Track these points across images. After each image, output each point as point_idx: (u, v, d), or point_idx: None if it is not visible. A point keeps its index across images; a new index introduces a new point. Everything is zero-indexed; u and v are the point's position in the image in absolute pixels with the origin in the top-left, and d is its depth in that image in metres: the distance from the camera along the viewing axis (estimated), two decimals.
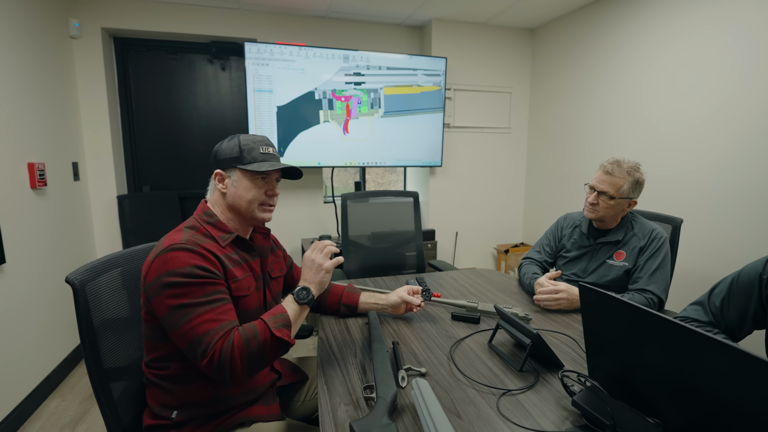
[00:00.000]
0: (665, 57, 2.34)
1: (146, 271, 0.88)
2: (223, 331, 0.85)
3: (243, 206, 0.99)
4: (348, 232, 2.06)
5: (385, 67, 2.90)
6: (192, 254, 0.87)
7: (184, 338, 0.84)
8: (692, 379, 0.70)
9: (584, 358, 1.07)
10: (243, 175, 0.98)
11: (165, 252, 0.86)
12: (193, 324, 0.83)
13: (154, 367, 0.94)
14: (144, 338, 0.95)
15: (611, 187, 1.45)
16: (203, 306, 0.85)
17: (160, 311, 0.85)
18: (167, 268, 0.85)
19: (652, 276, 1.42)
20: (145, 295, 0.88)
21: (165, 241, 0.90)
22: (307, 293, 0.97)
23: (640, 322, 0.78)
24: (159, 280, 0.85)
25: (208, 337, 0.83)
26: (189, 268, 0.85)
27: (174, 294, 0.84)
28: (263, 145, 1.01)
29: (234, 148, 0.99)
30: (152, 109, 3.00)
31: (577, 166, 3.05)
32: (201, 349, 0.83)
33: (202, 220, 0.98)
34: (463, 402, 0.88)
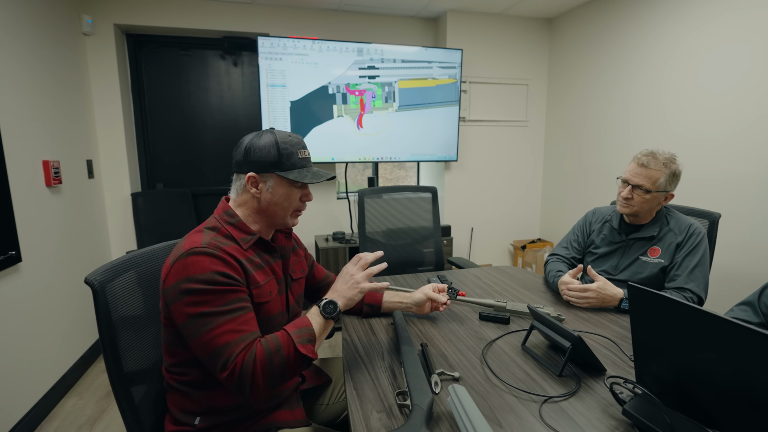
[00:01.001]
0: (692, 45, 2.24)
1: (165, 275, 0.83)
2: (244, 344, 0.80)
3: (278, 213, 0.95)
4: (365, 228, 2.01)
5: (399, 60, 2.83)
6: (213, 259, 0.82)
7: (203, 349, 0.80)
8: (760, 388, 0.64)
9: (625, 361, 1.01)
10: (281, 182, 0.92)
11: (185, 256, 0.81)
12: (213, 334, 0.79)
13: (175, 372, 0.90)
14: (163, 342, 0.91)
15: (647, 180, 1.38)
16: (224, 315, 0.80)
17: (179, 318, 0.81)
18: (187, 273, 0.80)
19: (691, 273, 1.35)
20: (164, 299, 0.84)
21: (185, 243, 0.85)
22: (334, 308, 0.91)
23: (698, 325, 0.71)
24: (178, 285, 0.80)
25: (229, 350, 0.78)
26: (210, 274, 0.80)
27: (193, 301, 0.79)
28: (301, 148, 0.95)
29: (271, 150, 0.90)
30: (165, 106, 2.98)
31: (596, 160, 2.96)
32: (221, 361, 0.78)
33: (223, 221, 0.92)
34: (502, 410, 0.83)
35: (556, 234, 3.43)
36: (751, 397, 0.66)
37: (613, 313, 1.32)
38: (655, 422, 0.73)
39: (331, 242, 2.88)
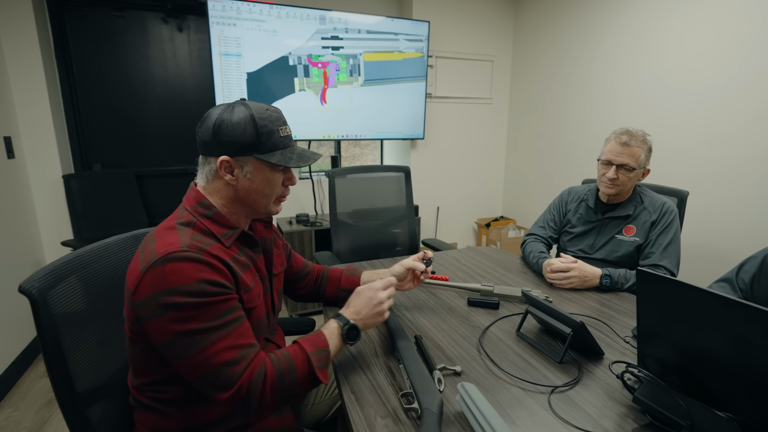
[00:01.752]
0: (657, 23, 2.28)
1: (135, 285, 0.68)
2: (246, 361, 0.70)
3: (259, 202, 0.82)
4: (336, 209, 1.90)
5: (364, 30, 2.67)
6: (198, 265, 0.69)
7: (195, 370, 0.68)
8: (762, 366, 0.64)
9: (618, 342, 1.02)
10: (262, 166, 0.79)
11: (162, 263, 0.67)
12: (208, 354, 0.68)
13: (147, 391, 0.77)
14: (131, 359, 0.77)
15: (630, 158, 1.38)
16: (217, 331, 0.69)
17: (160, 337, 0.68)
18: (167, 284, 0.66)
19: (664, 251, 1.39)
20: (134, 314, 0.70)
21: (157, 244, 0.70)
22: (357, 335, 0.84)
23: (702, 305, 0.71)
24: (157, 300, 0.66)
25: (230, 369, 0.68)
26: (196, 284, 0.67)
27: (179, 317, 0.67)
28: (281, 124, 0.81)
29: (247, 129, 0.76)
30: (98, 76, 2.62)
31: (559, 138, 3.02)
32: (221, 382, 0.68)
33: (198, 213, 0.78)
34: (511, 404, 0.79)
35: (519, 212, 3.50)
36: (754, 376, 0.66)
37: (593, 291, 1.34)
38: (668, 408, 0.72)
39: (294, 225, 2.73)
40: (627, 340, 1.01)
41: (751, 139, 1.91)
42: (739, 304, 0.64)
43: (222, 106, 0.79)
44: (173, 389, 0.76)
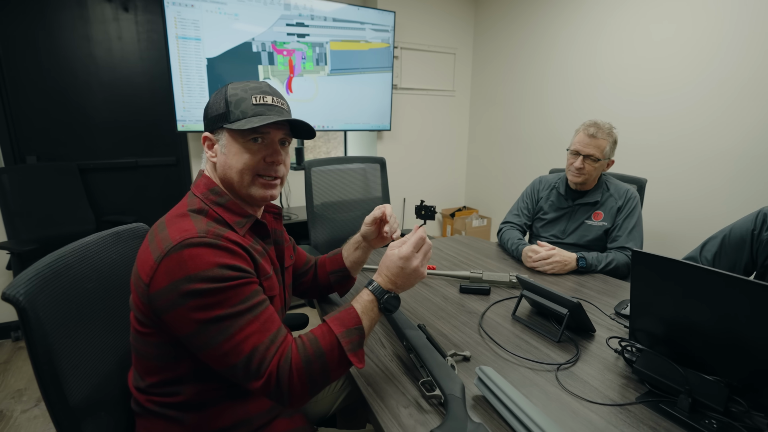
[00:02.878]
0: (614, 16, 2.43)
1: (150, 277, 0.64)
2: (275, 346, 0.67)
3: (234, 179, 0.75)
4: (313, 201, 1.86)
5: (331, 18, 2.60)
6: (216, 251, 0.65)
7: (224, 358, 0.64)
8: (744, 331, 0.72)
9: (605, 319, 1.09)
10: (231, 137, 0.74)
11: (178, 249, 0.63)
12: (237, 340, 0.64)
13: (157, 394, 0.71)
14: (140, 358, 0.71)
15: (596, 149, 1.48)
16: (244, 315, 0.65)
17: (183, 327, 0.64)
18: (187, 271, 0.62)
19: (630, 234, 1.50)
20: (150, 307, 0.65)
21: (172, 231, 0.66)
22: (397, 303, 0.78)
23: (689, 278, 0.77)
24: (177, 288, 0.62)
25: (259, 355, 0.65)
26: (217, 269, 0.64)
27: (203, 305, 0.63)
28: (258, 93, 0.74)
29: (219, 101, 0.75)
30: (31, 58, 2.33)
31: (518, 130, 3.15)
32: (252, 369, 0.65)
33: (209, 201, 0.74)
34: (524, 384, 0.82)
35: (481, 201, 3.62)
36: (736, 340, 0.74)
37: (570, 274, 1.42)
38: (666, 376, 0.78)
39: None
40: (613, 317, 1.09)
41: (706, 136, 2.11)
42: (726, 276, 0.71)
43: None
44: (188, 390, 0.71)
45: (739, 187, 1.96)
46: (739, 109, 1.93)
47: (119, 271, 0.82)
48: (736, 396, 0.73)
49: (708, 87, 2.02)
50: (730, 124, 1.96)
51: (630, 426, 0.71)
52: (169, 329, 0.66)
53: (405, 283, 0.79)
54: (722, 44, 1.95)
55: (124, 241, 0.86)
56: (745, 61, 1.88)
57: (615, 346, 0.94)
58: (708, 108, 2.03)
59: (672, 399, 0.77)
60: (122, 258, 0.84)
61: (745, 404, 0.71)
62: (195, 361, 0.69)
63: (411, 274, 0.78)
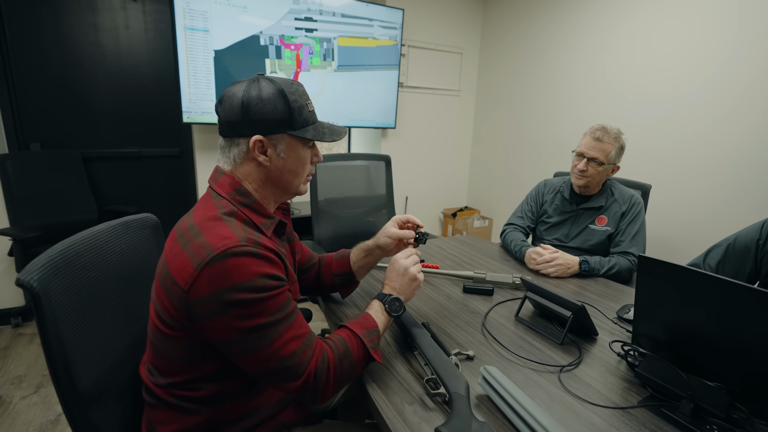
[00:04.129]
0: (625, 18, 2.42)
1: (189, 284, 0.64)
2: (310, 348, 0.71)
3: (291, 181, 0.79)
4: (318, 197, 1.86)
5: (339, 14, 2.60)
6: (258, 260, 0.66)
7: (264, 363, 0.68)
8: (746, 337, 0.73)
9: (607, 323, 1.09)
10: (295, 143, 0.76)
11: (222, 258, 0.63)
12: (276, 346, 0.67)
13: (179, 388, 0.72)
14: (160, 356, 0.72)
15: (601, 153, 1.48)
16: (282, 323, 0.69)
17: (223, 334, 0.66)
18: (231, 281, 0.63)
19: (633, 239, 1.51)
20: (187, 312, 0.65)
21: (209, 237, 0.65)
22: (400, 305, 0.87)
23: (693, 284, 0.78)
24: (221, 297, 0.63)
25: (297, 358, 0.69)
26: (259, 279, 0.65)
27: (246, 314, 0.65)
28: (308, 99, 0.79)
29: (279, 105, 0.72)
30: (38, 45, 2.33)
31: (523, 131, 3.15)
32: (291, 372, 0.68)
33: (237, 202, 0.73)
34: (527, 384, 0.82)
35: (483, 202, 3.63)
36: (739, 348, 0.75)
37: (572, 277, 1.43)
38: (668, 381, 0.79)
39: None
40: (615, 321, 1.10)
41: (709, 139, 2.12)
42: (733, 283, 0.72)
43: (242, 82, 0.74)
44: (210, 387, 0.72)
45: (745, 193, 1.97)
46: (744, 112, 1.93)
47: (128, 261, 0.83)
48: (738, 403, 0.73)
49: (713, 89, 2.03)
50: (738, 127, 1.96)
51: (632, 429, 0.72)
52: (202, 334, 0.67)
53: (400, 280, 0.89)
54: (726, 46, 1.96)
55: (133, 231, 0.86)
56: (749, 63, 1.89)
57: (618, 350, 0.94)
58: (716, 110, 2.04)
59: (674, 404, 0.78)
60: (131, 248, 0.84)
61: (747, 411, 0.72)
62: (221, 362, 0.71)
63: (404, 274, 0.90)
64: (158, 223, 0.95)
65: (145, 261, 0.88)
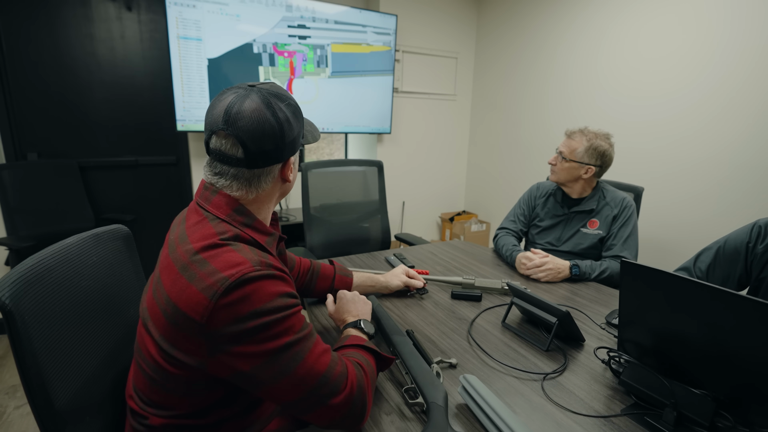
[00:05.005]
0: (617, 21, 2.43)
1: (205, 316, 0.59)
2: (340, 359, 0.70)
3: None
4: (309, 204, 1.86)
5: (332, 20, 2.61)
6: (275, 281, 0.65)
7: (301, 385, 0.64)
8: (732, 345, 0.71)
9: (595, 328, 1.08)
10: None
11: (239, 286, 0.60)
12: (311, 362, 0.65)
13: (178, 418, 0.70)
14: (162, 391, 0.68)
15: (566, 148, 1.51)
16: (310, 338, 0.67)
17: (249, 362, 0.61)
18: (252, 306, 0.60)
19: (625, 243, 1.49)
20: (208, 345, 0.61)
21: (220, 265, 0.61)
22: (371, 326, 0.90)
23: (678, 290, 0.77)
24: (243, 324, 0.60)
25: (335, 370, 0.67)
26: (279, 299, 0.64)
27: (271, 335, 0.62)
28: None
29: (299, 121, 0.74)
30: (34, 56, 2.35)
31: (519, 135, 3.14)
32: (330, 387, 0.65)
33: (238, 222, 0.70)
34: (508, 393, 0.81)
35: (480, 206, 3.62)
36: (723, 355, 0.73)
37: (564, 282, 1.41)
38: (652, 388, 0.78)
39: None
40: (603, 327, 1.08)
41: (702, 140, 2.10)
42: (713, 289, 0.71)
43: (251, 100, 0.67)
44: (211, 414, 0.70)
45: (738, 194, 1.95)
46: (737, 113, 1.92)
47: (100, 273, 0.82)
48: (723, 411, 0.72)
49: (706, 90, 2.02)
50: (731, 128, 1.95)
51: None
52: (221, 369, 0.62)
53: (359, 310, 0.94)
54: (718, 48, 1.95)
55: (104, 243, 0.86)
56: (741, 64, 1.87)
57: (603, 357, 0.93)
58: (709, 111, 2.02)
59: (658, 412, 0.76)
60: (103, 260, 0.84)
61: (732, 419, 0.71)
62: (225, 389, 0.69)
63: (355, 300, 0.96)
64: (130, 234, 0.95)
65: (118, 273, 0.88)
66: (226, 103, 0.67)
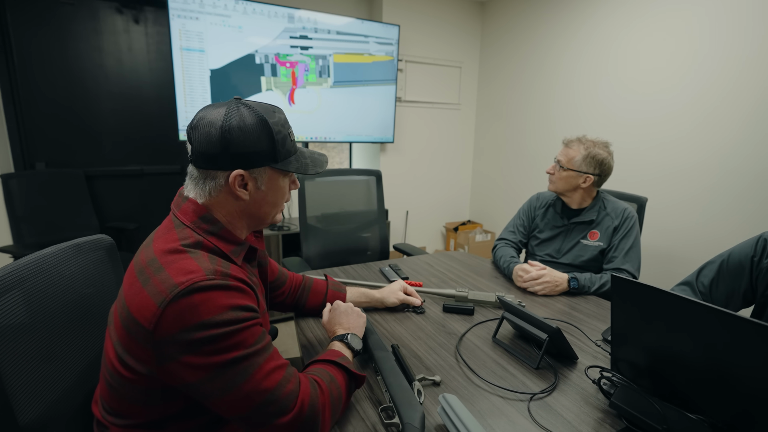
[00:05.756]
0: (627, 25, 2.38)
1: (153, 324, 0.58)
2: (294, 377, 0.67)
3: (268, 213, 0.75)
4: (306, 213, 1.85)
5: (334, 31, 2.63)
6: (229, 292, 0.62)
7: (246, 401, 0.61)
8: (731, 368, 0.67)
9: (590, 345, 1.04)
10: (276, 175, 0.73)
11: (187, 294, 0.58)
12: (258, 378, 0.62)
13: (137, 428, 0.68)
14: (121, 399, 0.67)
15: (563, 156, 1.48)
16: (262, 354, 0.64)
17: (193, 375, 0.59)
18: (199, 317, 0.58)
19: (626, 255, 1.44)
20: (155, 353, 0.60)
21: (172, 271, 0.61)
22: (359, 341, 0.86)
23: (674, 309, 0.73)
24: (188, 335, 0.58)
25: (284, 389, 0.63)
26: (231, 312, 0.61)
27: (218, 349, 0.59)
28: (290, 127, 0.75)
29: (262, 137, 0.68)
30: (44, 67, 2.41)
31: (524, 144, 3.10)
32: (278, 406, 0.62)
33: (202, 230, 0.68)
34: (492, 414, 0.77)
35: (485, 216, 3.57)
36: (722, 378, 0.69)
37: (562, 295, 1.37)
38: (644, 412, 0.73)
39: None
40: (598, 344, 1.03)
41: (702, 145, 2.04)
42: (709, 308, 0.66)
43: (219, 107, 0.68)
44: (173, 427, 0.68)
45: (751, 205, 1.87)
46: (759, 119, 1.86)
47: (78, 284, 0.81)
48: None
49: (723, 97, 1.96)
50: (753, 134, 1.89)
51: None
52: (172, 378, 0.61)
53: (351, 323, 0.91)
54: (737, 53, 1.89)
55: (85, 254, 0.85)
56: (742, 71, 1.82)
57: (595, 376, 0.88)
58: (725, 120, 1.96)
59: None
60: (82, 271, 0.83)
61: None
62: (185, 401, 0.67)
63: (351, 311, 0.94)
64: (113, 245, 0.94)
65: (99, 283, 0.87)
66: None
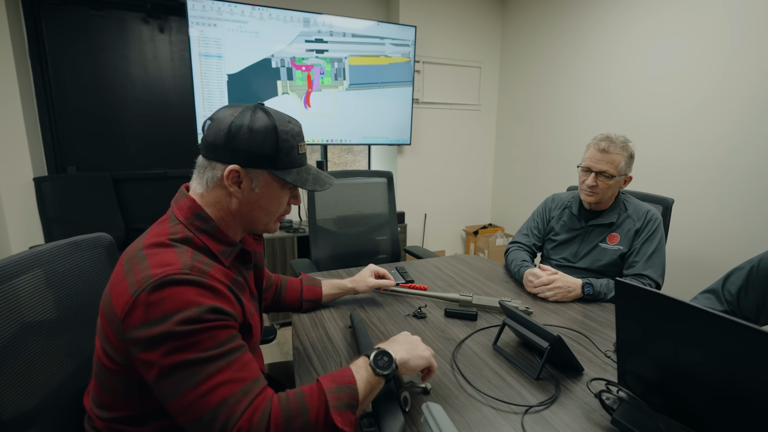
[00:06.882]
0: (640, 32, 2.27)
1: (125, 312, 0.58)
2: (248, 398, 0.59)
3: (260, 219, 0.75)
4: (315, 216, 1.84)
5: (350, 34, 2.63)
6: (200, 290, 0.60)
7: (187, 412, 0.57)
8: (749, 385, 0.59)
9: (599, 356, 0.96)
10: (273, 182, 0.72)
11: (158, 287, 0.58)
12: (202, 390, 0.57)
13: (120, 422, 0.69)
14: (104, 390, 0.68)
15: (609, 165, 1.35)
16: (215, 361, 0.59)
17: (150, 372, 0.58)
18: (164, 310, 0.57)
19: (648, 260, 1.34)
20: (125, 344, 0.60)
21: (152, 263, 0.61)
22: (389, 361, 0.70)
23: (684, 319, 0.66)
24: (151, 328, 0.57)
25: (227, 409, 0.57)
26: (195, 309, 0.58)
27: (173, 348, 0.57)
28: (301, 140, 0.75)
29: (267, 140, 0.69)
30: (75, 76, 2.54)
31: (547, 145, 2.99)
32: (217, 426, 0.56)
33: (194, 227, 0.69)
34: (481, 426, 0.73)
35: (507, 219, 3.46)
36: (738, 396, 0.61)
37: (576, 302, 1.29)
38: (647, 430, 0.66)
39: (277, 231, 2.66)
40: (608, 355, 0.96)
41: (737, 147, 1.89)
42: (723, 318, 0.59)
43: (237, 107, 0.71)
44: (154, 423, 0.68)
45: None
46: None
47: (73, 281, 0.83)
48: None
49: (761, 100, 1.81)
50: None
51: None
52: (136, 369, 0.61)
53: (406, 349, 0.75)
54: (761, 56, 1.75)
55: (83, 251, 0.87)
56: None
57: (600, 389, 0.81)
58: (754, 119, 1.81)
59: None
60: (78, 268, 0.85)
61: None
62: None
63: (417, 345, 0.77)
64: (113, 243, 0.96)
65: (95, 281, 0.88)
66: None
